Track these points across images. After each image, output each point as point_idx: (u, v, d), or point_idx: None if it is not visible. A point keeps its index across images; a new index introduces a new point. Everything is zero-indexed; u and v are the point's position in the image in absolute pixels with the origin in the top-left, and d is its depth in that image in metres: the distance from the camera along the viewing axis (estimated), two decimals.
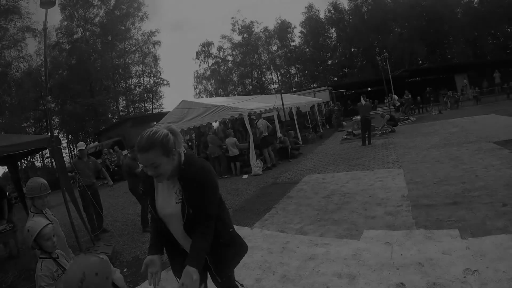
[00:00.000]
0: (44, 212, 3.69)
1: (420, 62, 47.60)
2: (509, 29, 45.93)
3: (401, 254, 3.80)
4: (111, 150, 20.85)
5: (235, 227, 5.63)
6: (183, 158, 2.04)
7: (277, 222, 5.84)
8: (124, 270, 5.00)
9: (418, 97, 24.92)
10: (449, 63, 43.06)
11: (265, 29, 56.54)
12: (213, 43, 57.11)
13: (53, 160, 11.75)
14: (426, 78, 32.70)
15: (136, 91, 49.92)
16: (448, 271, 3.27)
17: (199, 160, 2.11)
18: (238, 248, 2.37)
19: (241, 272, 4.00)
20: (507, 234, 3.78)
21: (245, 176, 11.09)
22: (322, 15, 54.50)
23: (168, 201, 2.07)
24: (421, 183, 6.62)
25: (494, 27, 45.90)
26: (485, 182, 5.90)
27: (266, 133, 11.93)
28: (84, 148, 7.48)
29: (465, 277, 3.11)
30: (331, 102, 27.02)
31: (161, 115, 20.63)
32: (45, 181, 3.86)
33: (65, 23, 41.75)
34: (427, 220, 4.69)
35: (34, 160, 36.80)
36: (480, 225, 4.18)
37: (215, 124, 14.42)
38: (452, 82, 30.92)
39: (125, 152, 21.02)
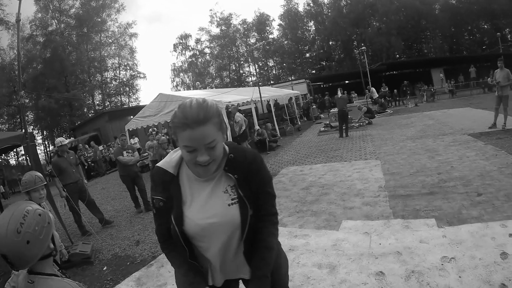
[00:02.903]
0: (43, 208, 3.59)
1: (398, 56, 48.70)
2: (485, 26, 47.81)
3: (380, 244, 3.85)
4: (87, 146, 20.38)
5: None
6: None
7: None
8: (104, 269, 4.89)
9: (395, 90, 25.43)
10: (425, 58, 44.33)
11: (244, 22, 56.78)
12: (190, 35, 57.07)
13: (28, 158, 11.36)
14: (403, 71, 33.50)
15: (112, 85, 49.22)
16: (426, 259, 3.33)
17: (243, 146, 1.73)
18: (285, 260, 1.84)
19: None
20: (482, 223, 3.89)
21: None
22: (301, 8, 55.27)
23: (214, 206, 1.48)
24: (398, 174, 6.73)
25: (471, 24, 47.80)
26: (460, 172, 6.06)
27: (244, 127, 11.89)
28: (65, 143, 6.98)
29: (442, 264, 3.19)
30: (308, 94, 27.16)
31: (138, 108, 20.33)
32: (40, 174, 3.92)
33: (40, 14, 40.75)
34: (404, 210, 4.78)
35: (8, 158, 35.84)
36: (456, 214, 4.29)
37: None
38: (428, 76, 31.67)
39: (101, 147, 20.61)
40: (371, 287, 3.09)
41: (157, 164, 1.54)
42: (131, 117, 16.27)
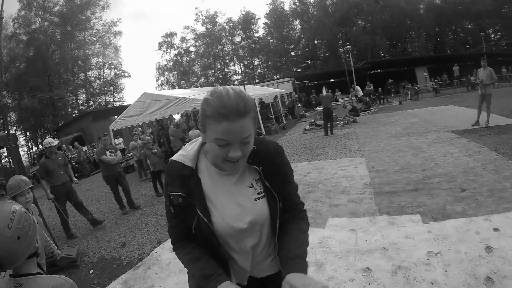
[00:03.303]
0: (31, 213, 3.49)
1: (382, 55, 49.43)
2: (469, 26, 49.23)
3: (366, 240, 3.87)
4: (71, 147, 20.01)
5: None
6: None
7: None
8: (90, 272, 4.79)
9: (380, 89, 25.76)
10: (410, 57, 45.22)
11: (229, 20, 56.90)
12: (176, 34, 56.80)
13: (10, 160, 11.03)
14: (388, 70, 34.05)
15: (96, 84, 48.53)
16: (412, 254, 3.37)
17: (262, 137, 1.54)
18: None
19: None
20: (467, 218, 3.96)
21: None
22: (287, 7, 55.69)
23: (240, 202, 1.36)
24: (382, 171, 6.80)
25: (455, 23, 49.18)
26: (444, 169, 6.15)
27: None
28: (54, 144, 6.79)
29: (428, 259, 3.22)
30: (294, 93, 27.26)
31: (122, 108, 20.01)
32: (24, 177, 3.85)
33: (23, 12, 39.74)
34: (389, 207, 4.82)
35: None
36: (441, 210, 4.35)
37: (177, 117, 14.15)
38: (412, 75, 32.21)
39: (85, 148, 20.28)
40: (358, 283, 3.10)
41: (172, 158, 1.42)
42: (116, 117, 16.02)
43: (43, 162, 6.55)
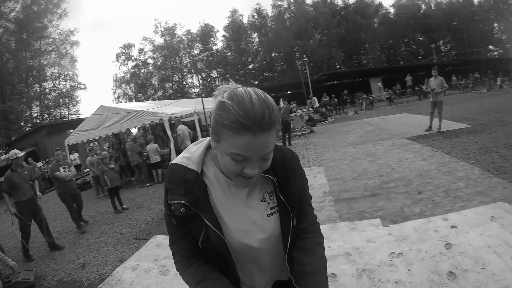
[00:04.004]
0: None
1: (338, 66, 51.34)
2: (421, 38, 53.29)
3: (329, 247, 3.85)
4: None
5: (162, 237, 5.43)
6: None
7: None
8: None
9: (336, 99, 26.50)
10: (364, 68, 47.36)
11: (188, 32, 57.01)
12: (134, 45, 56.03)
13: None
14: (343, 81, 35.17)
15: (51, 96, 46.45)
16: (375, 257, 3.40)
17: (277, 144, 1.22)
18: None
19: (173, 282, 3.84)
20: (425, 218, 4.08)
21: None
22: (245, 20, 56.79)
23: (251, 217, 1.20)
24: (341, 179, 6.89)
25: (407, 36, 53.02)
26: (400, 174, 6.34)
27: (190, 143, 11.73)
28: (21, 156, 6.31)
29: (391, 260, 3.26)
30: None
31: (78, 121, 19.21)
32: None
33: None
34: (349, 213, 4.87)
35: None
36: (399, 213, 4.45)
37: (134, 131, 13.76)
38: (367, 85, 33.54)
39: (39, 164, 19.18)
40: None
41: (173, 161, 1.23)
42: (71, 131, 15.38)
43: (8, 176, 6.02)
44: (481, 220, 3.72)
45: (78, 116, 44.00)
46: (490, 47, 51.67)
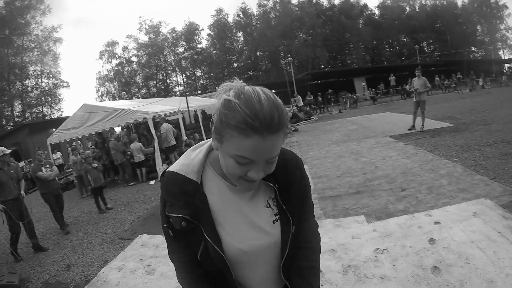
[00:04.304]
0: None
1: (322, 66, 51.64)
2: (405, 39, 54.31)
3: None
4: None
5: (147, 236, 5.35)
6: None
7: None
8: None
9: (320, 98, 26.68)
10: (349, 68, 47.91)
11: (173, 30, 56.33)
12: (118, 43, 54.99)
13: None
14: (328, 81, 35.49)
15: (33, 94, 45.15)
16: (360, 253, 3.42)
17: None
18: None
19: (159, 282, 3.78)
20: (409, 214, 4.12)
21: (152, 182, 10.59)
22: (230, 19, 56.48)
23: (257, 225, 1.14)
24: (325, 176, 6.93)
25: (391, 37, 53.95)
26: (384, 171, 6.40)
27: (173, 142, 11.64)
28: (7, 153, 6.15)
29: (376, 256, 3.29)
30: None
31: (61, 120, 18.76)
32: None
33: None
34: (334, 210, 4.89)
35: None
36: (383, 209, 4.49)
37: (118, 129, 13.55)
38: (351, 85, 33.88)
39: (22, 163, 18.70)
40: None
41: (170, 169, 1.14)
42: (54, 129, 15.05)
43: None
44: (464, 216, 3.77)
45: (61, 115, 43.02)
46: (473, 48, 52.75)
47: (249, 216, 1.12)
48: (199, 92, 47.20)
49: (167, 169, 1.14)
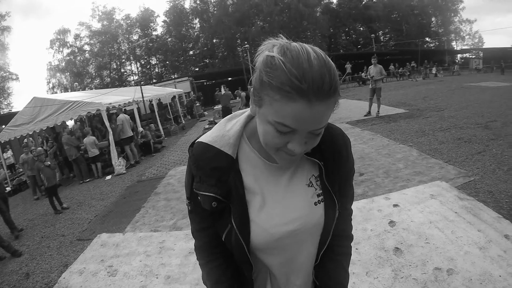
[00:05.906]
0: None
1: None
2: (361, 28, 55.92)
3: None
4: None
5: (106, 235, 5.12)
6: None
7: (149, 222, 5.41)
8: None
9: None
10: None
11: (127, 17, 54.24)
12: (69, 31, 52.00)
13: None
14: None
15: None
16: None
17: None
18: None
19: (123, 283, 3.62)
20: (367, 198, 4.21)
21: (108, 177, 10.19)
22: (187, 5, 55.19)
23: (296, 206, 1.00)
24: None
25: (348, 26, 55.20)
26: None
27: (130, 133, 11.26)
28: None
29: None
30: (192, 92, 27.05)
31: (10, 116, 17.51)
32: None
33: None
34: None
35: None
36: None
37: (70, 123, 12.88)
38: None
39: None
40: None
41: (201, 139, 1.00)
42: (3, 126, 14.06)
43: None
44: (421, 198, 3.89)
45: (10, 110, 40.16)
46: (427, 39, 54.95)
47: (288, 196, 0.99)
48: (154, 81, 46.13)
49: (197, 140, 1.01)
